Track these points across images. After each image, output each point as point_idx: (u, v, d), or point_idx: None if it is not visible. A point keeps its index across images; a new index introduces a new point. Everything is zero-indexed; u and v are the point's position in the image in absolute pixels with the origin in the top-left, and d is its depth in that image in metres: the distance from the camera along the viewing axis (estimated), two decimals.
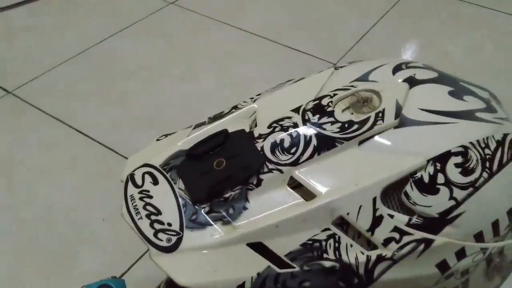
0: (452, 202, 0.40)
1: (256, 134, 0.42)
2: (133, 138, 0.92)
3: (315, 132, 0.41)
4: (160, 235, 0.38)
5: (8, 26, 1.23)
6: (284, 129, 0.41)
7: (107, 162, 0.88)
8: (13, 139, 0.93)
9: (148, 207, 0.39)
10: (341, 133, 0.40)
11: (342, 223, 0.39)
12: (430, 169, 0.40)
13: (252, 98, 0.50)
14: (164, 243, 0.38)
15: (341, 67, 0.50)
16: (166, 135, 0.49)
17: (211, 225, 0.38)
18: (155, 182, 0.41)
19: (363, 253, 0.38)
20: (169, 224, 0.38)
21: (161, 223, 0.39)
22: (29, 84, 1.06)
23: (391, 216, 0.39)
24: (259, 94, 0.51)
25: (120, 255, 0.72)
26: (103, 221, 0.76)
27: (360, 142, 0.40)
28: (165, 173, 0.42)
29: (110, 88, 1.04)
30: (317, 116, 0.42)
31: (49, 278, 0.71)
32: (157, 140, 0.48)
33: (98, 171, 0.86)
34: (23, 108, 1.00)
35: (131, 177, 0.42)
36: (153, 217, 0.39)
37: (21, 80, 1.06)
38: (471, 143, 0.41)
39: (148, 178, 0.41)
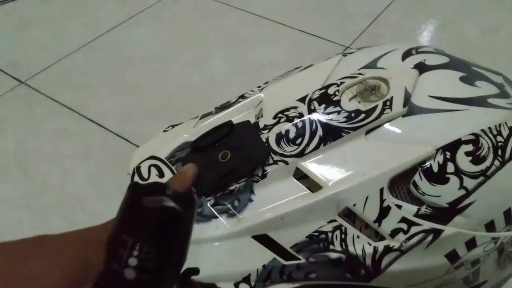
0: (462, 192, 0.39)
1: (261, 125, 0.41)
2: (145, 127, 0.92)
3: (321, 122, 0.40)
4: None
5: (20, 16, 1.24)
6: (290, 119, 0.41)
7: (120, 151, 0.88)
8: (27, 129, 0.94)
9: None
10: (347, 123, 0.39)
11: (349, 214, 0.38)
12: (440, 158, 0.39)
13: (259, 87, 0.49)
14: None
15: (349, 53, 0.49)
16: (172, 126, 0.49)
17: (216, 217, 0.38)
18: (161, 174, 0.41)
19: (370, 244, 0.38)
20: None
21: None
22: (41, 74, 1.07)
23: (399, 207, 0.38)
24: (266, 83, 0.50)
25: None
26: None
27: (367, 132, 0.40)
28: (170, 165, 0.42)
29: (122, 76, 1.04)
30: (323, 105, 0.41)
31: None
32: (164, 131, 0.48)
33: (111, 160, 0.87)
34: (36, 98, 1.01)
35: (137, 169, 0.42)
36: None
37: (34, 70, 1.07)
38: (482, 130, 0.40)
39: (154, 171, 0.41)
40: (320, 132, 0.39)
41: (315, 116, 0.40)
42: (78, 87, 1.03)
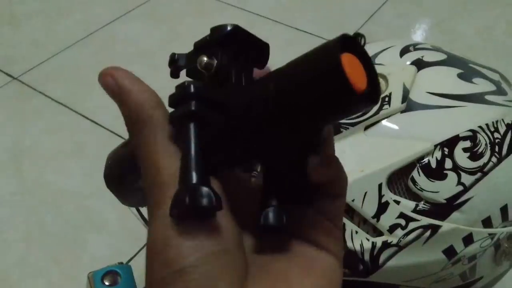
0: (460, 188, 0.39)
1: None
2: None
3: None
4: None
5: (13, 11, 1.23)
6: None
7: (113, 148, 0.88)
8: (20, 126, 0.93)
9: None
10: (346, 119, 0.39)
11: (348, 210, 0.38)
12: (438, 154, 0.39)
13: None
14: None
15: None
16: None
17: None
18: None
19: (368, 240, 0.38)
20: None
21: None
22: (34, 69, 1.06)
23: (397, 202, 0.38)
24: None
25: (128, 241, 0.73)
26: (111, 209, 0.77)
27: (366, 127, 0.40)
28: None
29: None
30: None
31: (59, 264, 0.72)
32: None
33: (104, 156, 0.87)
34: (29, 94, 1.00)
35: None
36: None
37: (27, 66, 1.06)
38: (480, 127, 0.40)
39: None
40: None
41: None
42: (71, 83, 1.03)
